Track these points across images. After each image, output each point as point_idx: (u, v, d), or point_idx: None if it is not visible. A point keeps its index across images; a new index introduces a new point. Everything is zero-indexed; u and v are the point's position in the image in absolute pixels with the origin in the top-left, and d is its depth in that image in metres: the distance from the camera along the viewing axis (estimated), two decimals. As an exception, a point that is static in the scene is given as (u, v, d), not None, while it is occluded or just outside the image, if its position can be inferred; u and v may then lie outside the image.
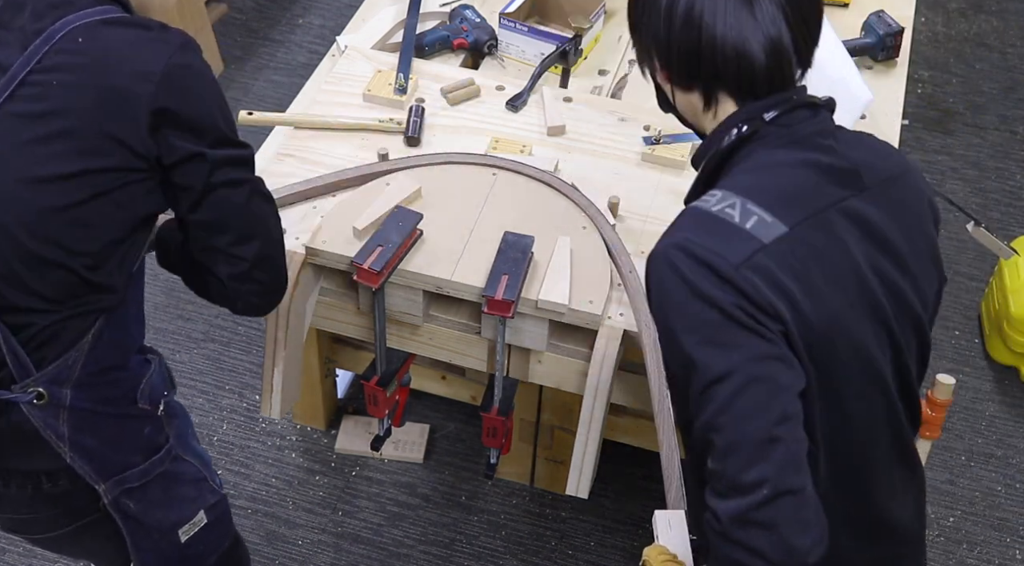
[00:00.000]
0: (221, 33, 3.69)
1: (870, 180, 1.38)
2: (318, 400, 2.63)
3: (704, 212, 1.31)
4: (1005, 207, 3.37)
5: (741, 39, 1.31)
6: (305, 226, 2.00)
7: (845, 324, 1.31)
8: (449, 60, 2.47)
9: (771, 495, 1.21)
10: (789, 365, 1.26)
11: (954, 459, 2.74)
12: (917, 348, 1.44)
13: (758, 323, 1.25)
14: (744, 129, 1.36)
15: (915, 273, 1.39)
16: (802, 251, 1.29)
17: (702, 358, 1.25)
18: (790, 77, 1.36)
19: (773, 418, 1.23)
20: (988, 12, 4.08)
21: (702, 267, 1.26)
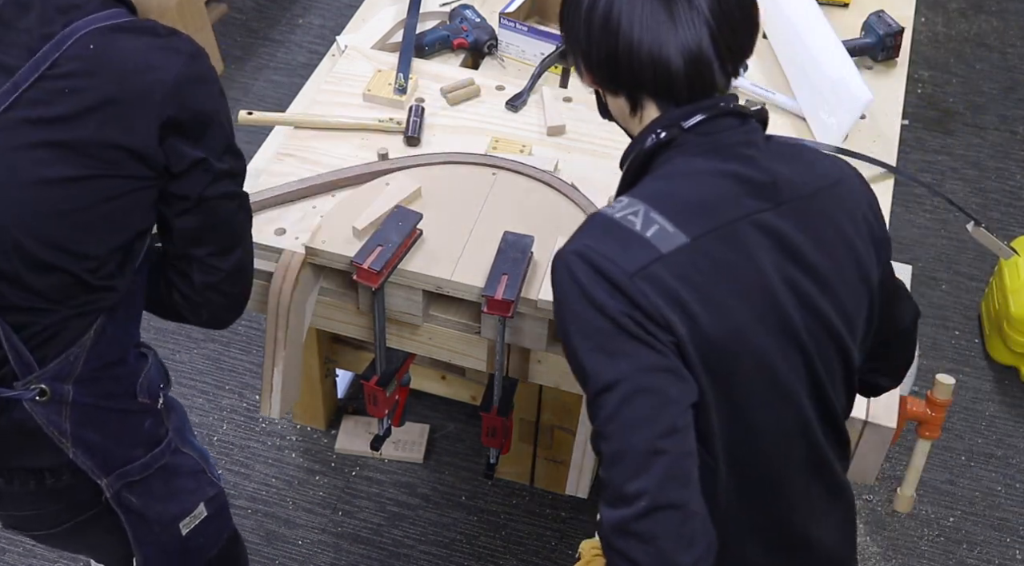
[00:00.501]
0: (221, 33, 3.70)
1: (788, 194, 1.35)
2: (318, 400, 2.63)
3: (607, 218, 1.30)
4: (1005, 207, 3.37)
5: (658, 45, 1.30)
6: (305, 226, 2.00)
7: (749, 337, 1.29)
8: (449, 60, 2.47)
9: (650, 507, 1.20)
10: (679, 377, 1.25)
11: (954, 459, 2.74)
12: (842, 369, 1.40)
13: (648, 333, 1.24)
14: (662, 135, 1.34)
15: (837, 290, 1.36)
16: (704, 263, 1.28)
17: (592, 366, 1.25)
18: (712, 84, 1.34)
19: (659, 430, 1.22)
20: (988, 12, 4.08)
21: (596, 274, 1.25)
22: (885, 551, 2.55)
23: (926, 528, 2.61)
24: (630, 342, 1.24)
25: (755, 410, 1.32)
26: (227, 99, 1.54)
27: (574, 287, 1.26)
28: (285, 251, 1.96)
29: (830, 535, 1.46)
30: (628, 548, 1.21)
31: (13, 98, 1.40)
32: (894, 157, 2.33)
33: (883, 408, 1.89)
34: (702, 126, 1.34)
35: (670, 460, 1.22)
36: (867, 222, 1.41)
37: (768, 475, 1.37)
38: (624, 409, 1.23)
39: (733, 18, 1.33)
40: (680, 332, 1.25)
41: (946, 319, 3.05)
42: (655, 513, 1.20)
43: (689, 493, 1.23)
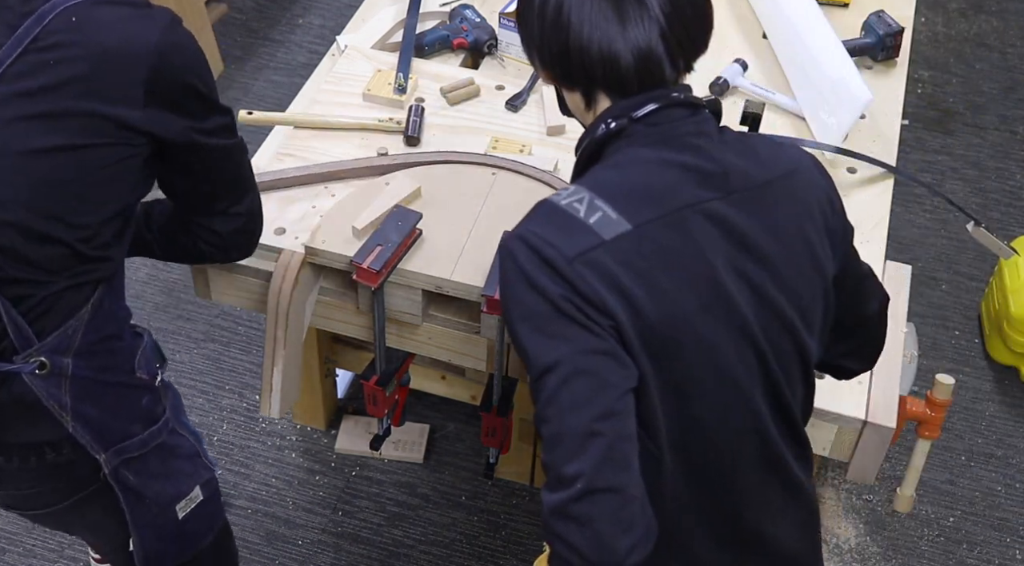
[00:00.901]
0: (221, 33, 3.70)
1: (739, 184, 1.36)
2: (318, 400, 2.63)
3: (552, 205, 1.32)
4: (1005, 207, 3.37)
5: (607, 42, 1.32)
6: (304, 226, 2.00)
7: (693, 326, 1.30)
8: (449, 60, 2.47)
9: (587, 490, 1.21)
10: (618, 361, 1.26)
11: (954, 459, 2.74)
12: (798, 364, 1.39)
13: (587, 317, 1.25)
14: (612, 125, 1.36)
15: (791, 281, 1.36)
16: (648, 250, 1.29)
17: (533, 348, 1.27)
18: (661, 79, 1.35)
19: (595, 413, 1.23)
20: (988, 12, 4.08)
21: (538, 258, 1.27)
22: (885, 551, 2.55)
23: (926, 528, 2.61)
24: (570, 325, 1.25)
25: (701, 401, 1.32)
26: (227, 98, 1.54)
27: (516, 271, 1.29)
28: (285, 251, 1.96)
29: (787, 533, 1.45)
30: (566, 531, 1.22)
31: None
32: (894, 157, 2.33)
33: (883, 408, 1.89)
34: (652, 117, 1.35)
35: (607, 443, 1.23)
36: (822, 212, 1.41)
37: (718, 468, 1.37)
38: (562, 391, 1.24)
39: (684, 15, 1.35)
40: (619, 317, 1.26)
41: (946, 319, 3.05)
42: (592, 496, 1.21)
43: (627, 477, 1.23)
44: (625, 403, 1.25)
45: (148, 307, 2.93)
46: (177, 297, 2.96)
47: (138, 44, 1.44)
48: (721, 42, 2.56)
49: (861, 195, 2.23)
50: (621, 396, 1.25)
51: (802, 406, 1.45)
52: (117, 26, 1.44)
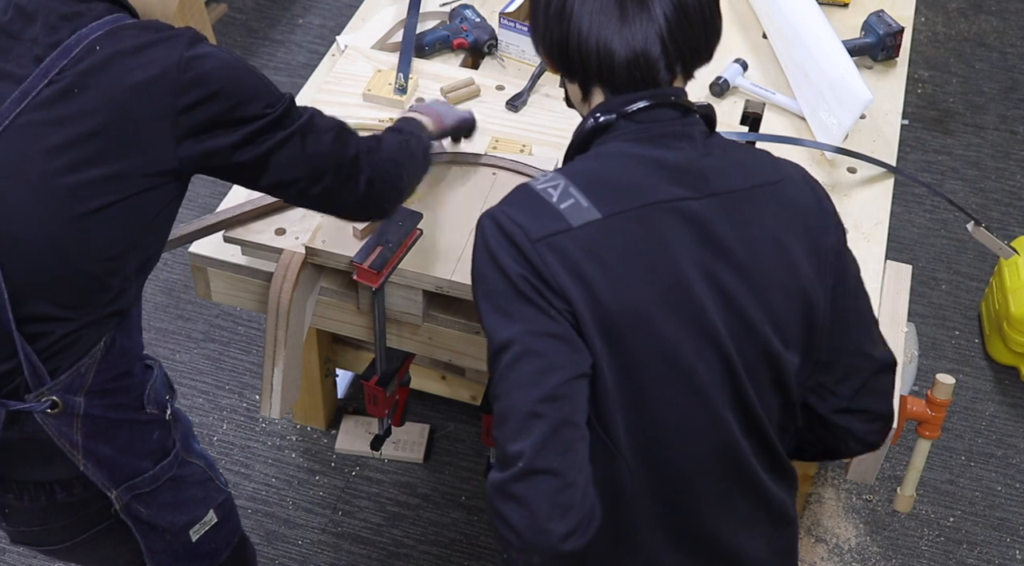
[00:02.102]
0: (221, 33, 3.70)
1: (718, 187, 1.36)
2: (318, 400, 2.63)
3: (529, 188, 1.35)
4: (1005, 207, 3.37)
5: (604, 37, 1.34)
6: (305, 226, 2.00)
7: (652, 321, 1.30)
8: (449, 60, 2.47)
9: (526, 470, 1.23)
10: (570, 346, 1.27)
11: (954, 459, 2.74)
12: (768, 374, 1.37)
13: (543, 299, 1.27)
14: (600, 119, 1.38)
15: (765, 291, 1.35)
16: (615, 241, 1.30)
17: (491, 325, 1.30)
18: (654, 79, 1.37)
19: (540, 394, 1.24)
20: (988, 12, 4.08)
21: (504, 237, 1.30)
22: (885, 551, 2.55)
23: (926, 528, 2.61)
24: (526, 306, 1.27)
25: (658, 398, 1.32)
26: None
27: (483, 248, 1.32)
28: (285, 251, 1.96)
29: (756, 549, 1.43)
30: (505, 510, 1.24)
31: (24, 104, 1.40)
32: (894, 157, 2.33)
33: (883, 408, 1.90)
34: (640, 114, 1.37)
35: (549, 425, 1.24)
36: (807, 228, 1.39)
37: (677, 470, 1.36)
38: (512, 370, 1.26)
39: (690, 22, 1.37)
40: (576, 302, 1.27)
41: (946, 319, 3.05)
42: (530, 476, 1.23)
43: (567, 461, 1.24)
44: (573, 388, 1.26)
45: (148, 307, 2.93)
46: (177, 297, 2.96)
47: (161, 74, 1.41)
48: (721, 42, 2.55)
49: (861, 195, 2.23)
50: (569, 381, 1.26)
51: (780, 420, 1.42)
52: (140, 54, 1.41)
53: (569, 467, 1.24)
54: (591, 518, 1.25)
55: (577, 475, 1.24)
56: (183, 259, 2.78)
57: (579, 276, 1.28)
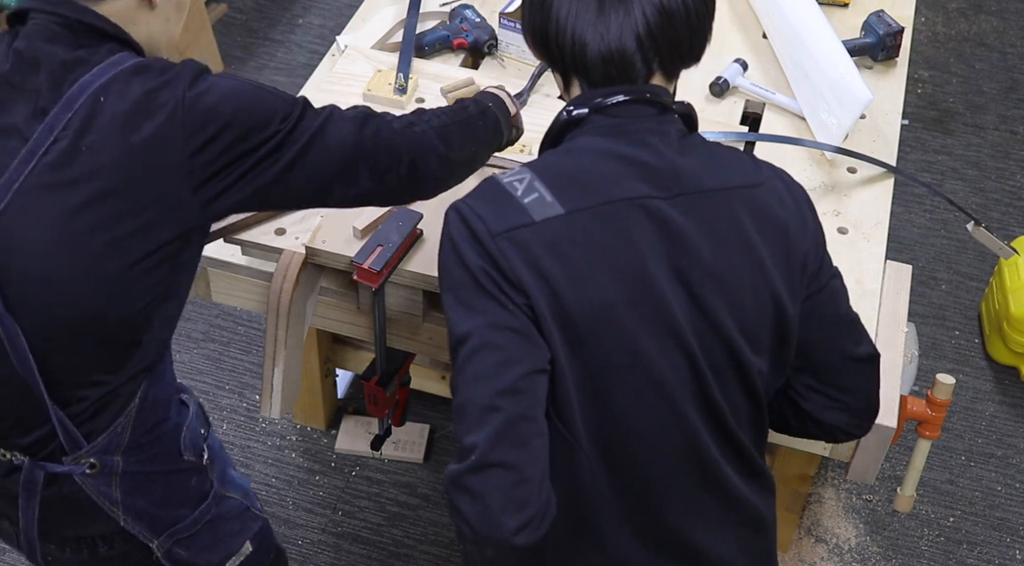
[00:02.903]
0: (221, 33, 3.70)
1: (688, 186, 1.34)
2: (318, 400, 2.63)
3: (495, 182, 1.35)
4: (1005, 207, 3.37)
5: (579, 29, 1.34)
6: (305, 226, 2.00)
7: (614, 315, 1.30)
8: (449, 60, 2.47)
9: (480, 463, 1.23)
10: (528, 340, 1.27)
11: (954, 459, 2.74)
12: (736, 375, 1.37)
13: (502, 292, 1.27)
14: (573, 113, 1.37)
15: (734, 293, 1.34)
16: (579, 236, 1.30)
17: (452, 317, 1.30)
18: (629, 75, 1.36)
19: (497, 388, 1.24)
20: (988, 12, 4.08)
21: (466, 230, 1.30)
22: (885, 551, 2.55)
23: (926, 528, 2.61)
24: (486, 299, 1.28)
25: (621, 396, 1.32)
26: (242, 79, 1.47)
27: (447, 240, 1.33)
28: (285, 251, 1.96)
29: (724, 550, 1.43)
30: (460, 501, 1.25)
31: (32, 165, 1.35)
32: (894, 157, 2.33)
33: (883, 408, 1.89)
34: (614, 109, 1.36)
35: (505, 419, 1.24)
36: (782, 233, 1.38)
37: (643, 469, 1.36)
38: (470, 363, 1.27)
39: (674, 23, 1.34)
40: (534, 296, 1.27)
41: (946, 319, 3.05)
42: (485, 470, 1.23)
43: (522, 455, 1.24)
44: (530, 383, 1.27)
45: (148, 307, 2.93)
46: (177, 297, 2.96)
47: (167, 121, 1.36)
48: (721, 42, 2.56)
49: (861, 195, 2.23)
50: (526, 375, 1.26)
51: (750, 420, 1.41)
52: (144, 100, 1.36)
53: (524, 461, 1.24)
54: (546, 513, 1.26)
55: (533, 470, 1.25)
56: (183, 259, 2.78)
57: (538, 271, 1.28)
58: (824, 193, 2.22)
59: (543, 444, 1.27)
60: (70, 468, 1.48)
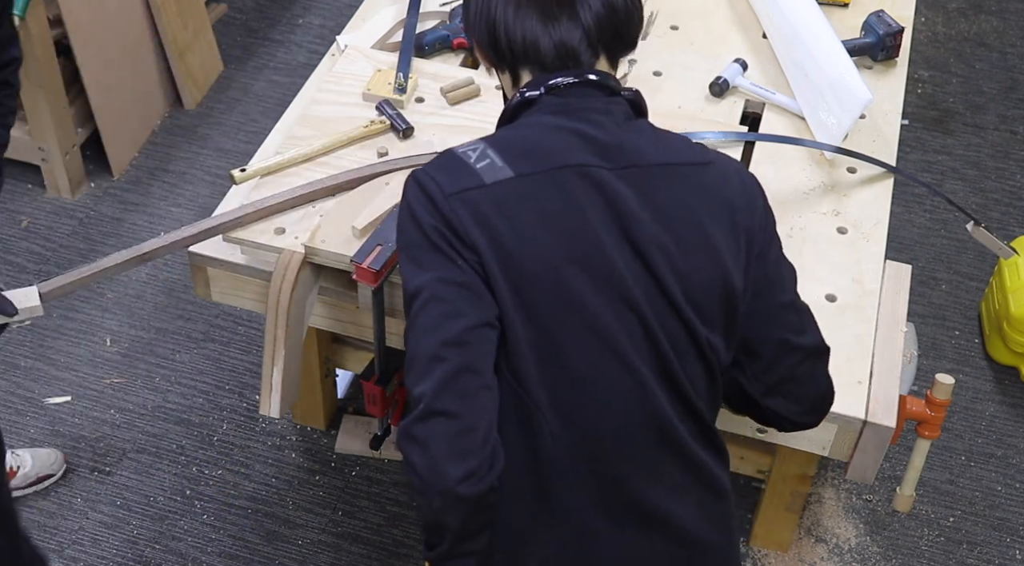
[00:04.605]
0: (221, 33, 3.70)
1: (633, 160, 1.41)
2: (318, 400, 2.63)
3: (451, 152, 1.43)
4: (1005, 207, 3.37)
5: (530, 34, 1.43)
6: (304, 225, 2.00)
7: (560, 277, 1.35)
8: (449, 59, 2.47)
9: (426, 412, 1.28)
10: (475, 294, 1.33)
11: (954, 459, 2.74)
12: (691, 345, 1.40)
13: (452, 248, 1.34)
14: (526, 94, 1.45)
15: (678, 264, 1.38)
16: (524, 198, 1.36)
17: (405, 274, 1.37)
18: (579, 63, 1.43)
19: (442, 338, 1.30)
20: (988, 12, 4.08)
21: (421, 193, 1.38)
22: (885, 551, 2.55)
23: (926, 528, 2.61)
24: (436, 255, 1.34)
25: (577, 359, 1.36)
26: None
27: (404, 204, 1.40)
28: (285, 251, 1.96)
29: (687, 516, 1.44)
30: (408, 451, 1.29)
31: None
32: (894, 157, 2.33)
33: (883, 408, 1.90)
34: (563, 90, 1.43)
35: (451, 369, 1.29)
36: (727, 211, 1.43)
37: (601, 431, 1.39)
38: (419, 316, 1.32)
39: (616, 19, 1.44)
40: (483, 251, 1.33)
41: (946, 319, 3.05)
42: (429, 418, 1.28)
43: (465, 405, 1.28)
44: (476, 335, 1.31)
45: (148, 307, 2.93)
46: (177, 297, 2.96)
47: None
48: (721, 42, 2.56)
49: (861, 195, 2.23)
50: (472, 328, 1.31)
51: (707, 393, 1.44)
52: None
53: (467, 411, 1.28)
54: (492, 465, 1.29)
55: (476, 420, 1.29)
56: (183, 259, 2.78)
57: (488, 229, 1.34)
58: (824, 193, 2.22)
59: (489, 397, 1.31)
60: None
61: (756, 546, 2.51)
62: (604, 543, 1.42)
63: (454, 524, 1.32)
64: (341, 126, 2.16)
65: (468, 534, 1.34)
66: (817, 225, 2.17)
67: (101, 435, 2.66)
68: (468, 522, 1.32)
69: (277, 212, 2.02)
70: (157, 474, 2.60)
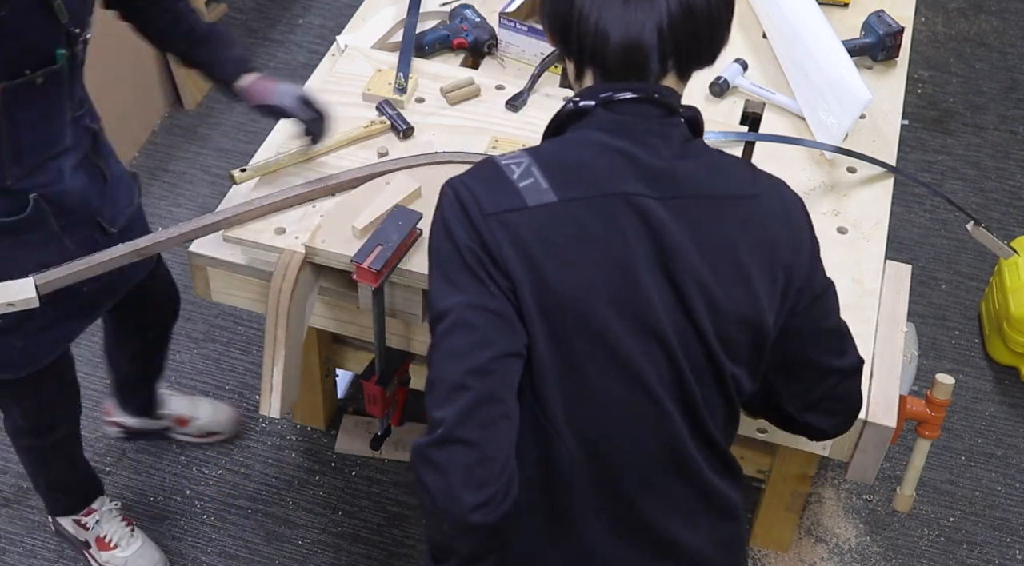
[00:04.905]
0: (221, 33, 3.69)
1: (685, 191, 1.35)
2: (318, 400, 2.63)
3: (493, 163, 1.36)
4: (1005, 207, 3.37)
5: (604, 20, 1.33)
6: (305, 225, 2.00)
7: (595, 307, 1.31)
8: (449, 60, 2.47)
9: (445, 438, 1.25)
10: (506, 323, 1.29)
11: (954, 459, 2.74)
12: (714, 379, 1.38)
13: (486, 273, 1.29)
14: (580, 104, 1.37)
15: (714, 302, 1.34)
16: (566, 226, 1.31)
17: (434, 292, 1.32)
18: (644, 71, 1.35)
19: (469, 366, 1.26)
20: (988, 12, 4.08)
21: (459, 208, 1.32)
22: (885, 551, 2.55)
23: (926, 528, 2.61)
24: (469, 277, 1.29)
25: (601, 389, 1.33)
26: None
27: (440, 216, 1.34)
28: (285, 251, 1.96)
29: (697, 541, 1.44)
30: (423, 473, 1.27)
31: None
32: (894, 157, 2.33)
33: (883, 408, 1.90)
34: (620, 105, 1.36)
35: (473, 398, 1.26)
36: (771, 247, 1.38)
37: (618, 457, 1.37)
38: (445, 339, 1.28)
39: (695, 21, 1.34)
40: (518, 280, 1.29)
41: (946, 319, 3.05)
42: (449, 445, 1.25)
43: (486, 435, 1.26)
44: (503, 365, 1.28)
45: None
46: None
47: None
48: (721, 42, 2.56)
49: (861, 195, 2.23)
50: (500, 357, 1.28)
51: (724, 428, 1.43)
52: None
53: (488, 441, 1.26)
54: (506, 494, 1.27)
55: (496, 450, 1.26)
56: (183, 259, 2.77)
57: (526, 256, 1.29)
58: (824, 193, 2.22)
59: (509, 427, 1.29)
60: None
61: (756, 546, 2.51)
62: (619, 561, 1.41)
63: (463, 550, 1.30)
64: (341, 126, 2.16)
65: (476, 558, 1.32)
66: (817, 225, 2.13)
67: (101, 435, 2.66)
68: (478, 549, 1.30)
69: (276, 211, 2.02)
70: (157, 474, 2.60)
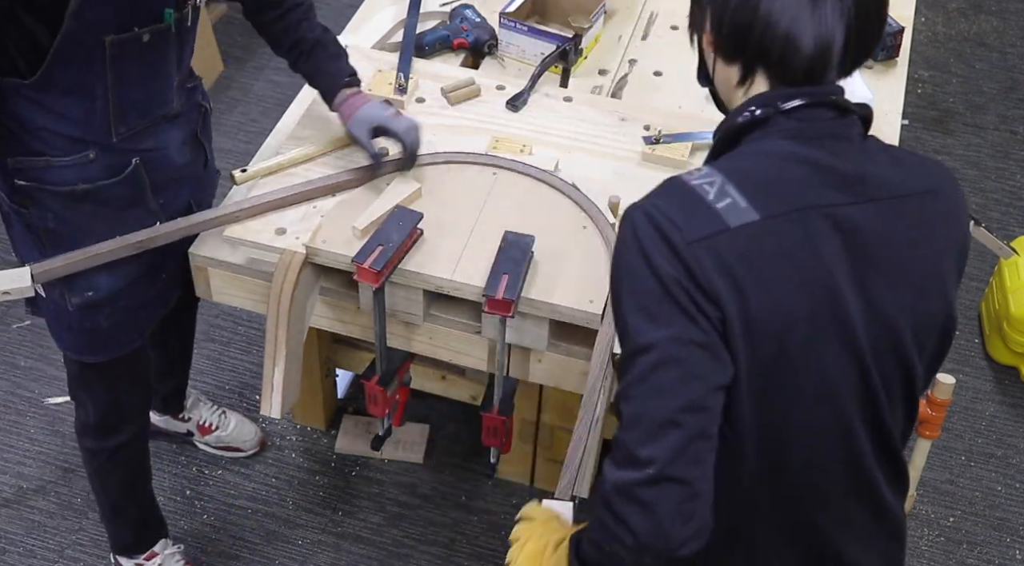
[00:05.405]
0: (221, 33, 3.70)
1: (876, 193, 1.31)
2: (318, 400, 2.63)
3: (682, 183, 1.29)
4: (1005, 207, 3.37)
5: (796, 20, 1.28)
6: (305, 226, 2.00)
7: (800, 328, 1.26)
8: (449, 60, 2.47)
9: (656, 477, 1.21)
10: (714, 356, 1.23)
11: (954, 459, 2.74)
12: (901, 386, 1.36)
13: (694, 304, 1.23)
14: (757, 113, 1.32)
15: (913, 302, 1.32)
16: (769, 244, 1.26)
17: (634, 324, 1.25)
18: (826, 73, 1.31)
19: (680, 403, 1.22)
20: (988, 12, 4.08)
21: (658, 235, 1.24)
22: (885, 551, 2.55)
23: (926, 528, 2.61)
24: (674, 310, 1.23)
25: (791, 407, 1.30)
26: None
27: (635, 243, 1.26)
28: (285, 251, 1.96)
29: (870, 561, 1.42)
30: (627, 511, 1.22)
31: None
32: (894, 157, 2.33)
33: (883, 408, 1.89)
34: (798, 111, 1.31)
35: (685, 435, 1.22)
36: (956, 241, 1.37)
37: (802, 478, 1.34)
38: (652, 375, 1.23)
39: (870, 16, 1.31)
40: (728, 308, 1.23)
41: (946, 319, 3.05)
42: (661, 483, 1.21)
43: (698, 472, 1.22)
44: (712, 400, 1.24)
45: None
46: (177, 297, 2.96)
47: None
48: (721, 42, 2.56)
49: (861, 195, 2.23)
50: (709, 392, 1.23)
51: (903, 435, 1.42)
52: None
53: (699, 478, 1.23)
54: (707, 526, 1.25)
55: (703, 485, 1.23)
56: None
57: (733, 281, 1.23)
58: (824, 193, 2.22)
59: (713, 459, 1.25)
60: None
61: (756, 546, 2.51)
62: None
63: None
64: (342, 126, 2.16)
65: None
66: (817, 225, 2.17)
67: (101, 435, 2.66)
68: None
69: (276, 209, 2.02)
70: (157, 474, 2.60)
